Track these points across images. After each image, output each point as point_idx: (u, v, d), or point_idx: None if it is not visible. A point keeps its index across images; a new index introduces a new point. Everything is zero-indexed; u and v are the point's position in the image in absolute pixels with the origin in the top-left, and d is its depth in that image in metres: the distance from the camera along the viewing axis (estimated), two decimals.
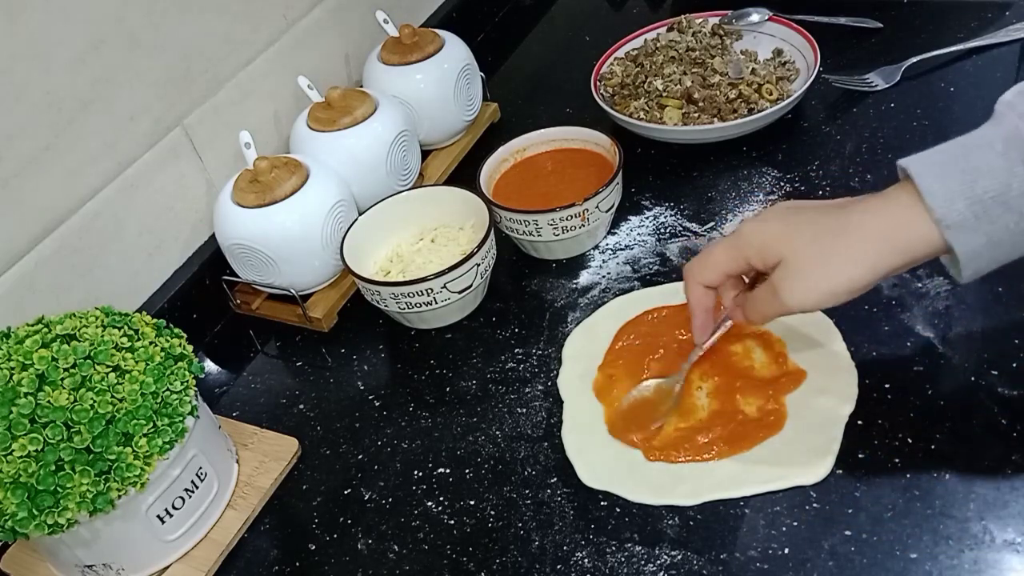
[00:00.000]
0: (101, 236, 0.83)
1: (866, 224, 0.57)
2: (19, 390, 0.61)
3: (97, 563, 0.68)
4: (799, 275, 0.59)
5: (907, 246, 0.56)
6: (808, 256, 0.58)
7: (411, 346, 0.85)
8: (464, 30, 1.09)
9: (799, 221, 0.60)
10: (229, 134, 0.92)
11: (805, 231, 0.59)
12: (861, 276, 0.57)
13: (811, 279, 0.58)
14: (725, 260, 0.64)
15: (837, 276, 0.57)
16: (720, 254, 0.64)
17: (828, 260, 0.58)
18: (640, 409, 0.72)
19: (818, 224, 0.59)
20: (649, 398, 0.72)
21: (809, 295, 0.59)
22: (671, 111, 0.97)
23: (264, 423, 0.81)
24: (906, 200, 0.56)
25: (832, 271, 0.57)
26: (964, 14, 1.05)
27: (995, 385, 0.67)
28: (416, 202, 0.91)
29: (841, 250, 0.57)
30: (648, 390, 0.73)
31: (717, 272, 0.65)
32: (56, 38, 0.76)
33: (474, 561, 0.66)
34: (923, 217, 0.55)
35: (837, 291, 0.58)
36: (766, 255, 0.60)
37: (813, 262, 0.58)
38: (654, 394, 0.72)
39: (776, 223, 0.61)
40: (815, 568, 0.60)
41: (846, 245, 0.57)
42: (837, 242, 0.57)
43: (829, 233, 0.58)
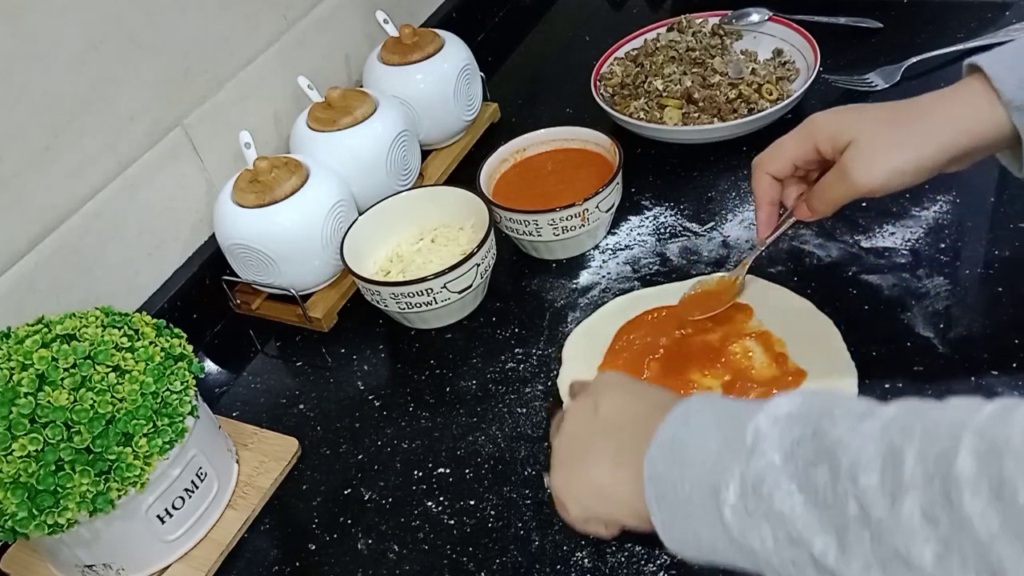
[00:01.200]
0: (101, 236, 0.83)
1: (937, 108, 0.59)
2: (19, 390, 0.61)
3: (97, 563, 0.68)
4: (870, 153, 0.60)
5: (977, 128, 0.58)
6: (879, 135, 0.60)
7: (411, 346, 0.85)
8: (464, 30, 1.09)
9: (870, 110, 0.62)
10: (229, 134, 0.92)
11: (877, 116, 0.61)
12: (931, 155, 0.58)
13: (881, 156, 0.59)
14: (794, 147, 0.65)
15: (907, 153, 0.59)
16: (790, 142, 0.65)
17: (899, 139, 0.59)
18: (704, 298, 0.77)
19: (890, 111, 0.61)
20: (712, 289, 0.78)
21: (879, 172, 0.60)
22: (671, 111, 0.97)
23: (264, 423, 0.81)
24: (977, 88, 0.58)
25: (904, 149, 0.59)
26: (964, 14, 1.05)
27: (995, 385, 0.67)
28: (416, 202, 0.91)
29: (913, 129, 0.59)
30: (710, 283, 0.78)
31: (786, 161, 0.66)
32: (56, 38, 0.76)
33: (474, 561, 0.66)
34: (993, 101, 0.57)
35: (906, 168, 0.59)
36: (837, 139, 0.62)
37: (884, 141, 0.60)
38: (716, 285, 0.78)
39: (847, 112, 0.63)
40: None
41: (919, 127, 0.59)
42: (911, 124, 0.59)
43: (901, 116, 0.60)
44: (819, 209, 0.65)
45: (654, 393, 0.56)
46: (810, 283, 0.79)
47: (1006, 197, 0.81)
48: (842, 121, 0.62)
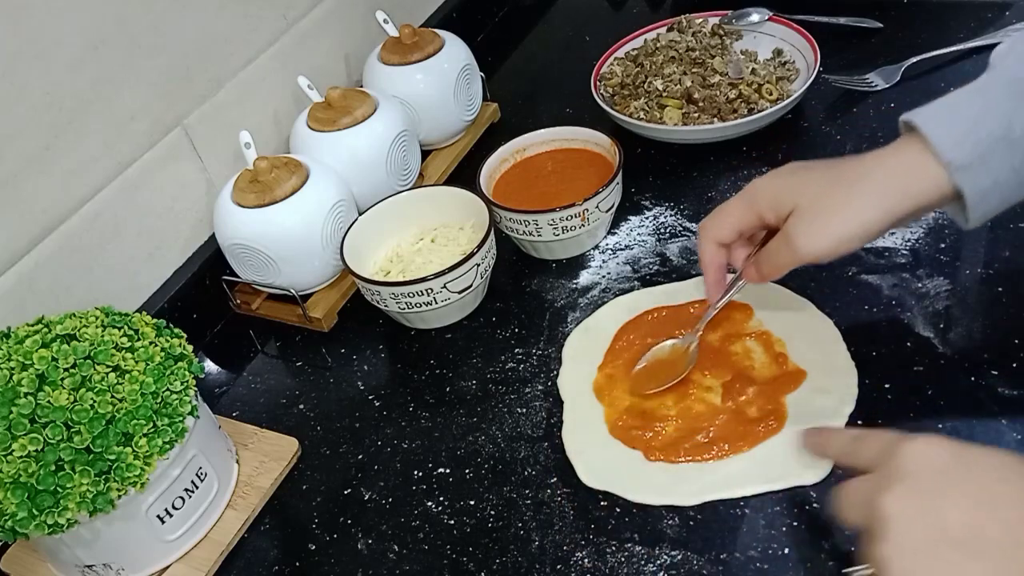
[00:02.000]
0: (101, 236, 0.83)
1: (878, 171, 0.58)
2: (19, 390, 0.61)
3: (97, 563, 0.68)
4: (813, 220, 0.59)
5: (918, 190, 0.57)
6: (821, 202, 0.59)
7: (411, 346, 0.85)
8: (464, 30, 1.09)
9: (811, 174, 0.61)
10: (229, 134, 0.92)
11: (818, 180, 0.60)
12: (875, 219, 0.58)
13: (825, 224, 0.59)
14: (738, 215, 0.64)
15: (851, 220, 0.58)
16: (733, 210, 0.65)
17: (842, 205, 0.59)
18: (657, 368, 0.74)
19: (830, 174, 0.60)
20: (665, 359, 0.74)
21: (823, 240, 0.59)
22: (671, 111, 0.97)
23: (264, 423, 0.81)
24: (915, 147, 0.57)
25: (847, 215, 0.58)
26: (964, 14, 1.05)
27: (995, 385, 0.67)
28: (416, 202, 0.91)
29: (855, 195, 0.58)
30: (663, 351, 0.75)
31: (730, 228, 0.65)
32: (56, 38, 0.76)
33: (474, 561, 0.66)
34: (931, 161, 0.56)
35: (852, 235, 0.58)
36: (779, 206, 0.61)
37: (827, 207, 0.59)
38: (670, 354, 0.74)
39: (788, 177, 0.62)
40: (815, 568, 0.60)
41: (859, 191, 0.58)
42: (851, 188, 0.59)
43: (842, 181, 0.59)
44: (768, 274, 0.65)
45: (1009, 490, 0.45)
46: (810, 283, 0.79)
47: None
48: (783, 187, 0.62)
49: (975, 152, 0.55)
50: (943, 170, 0.56)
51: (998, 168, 0.56)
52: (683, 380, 0.73)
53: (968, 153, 0.55)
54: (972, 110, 0.56)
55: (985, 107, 0.56)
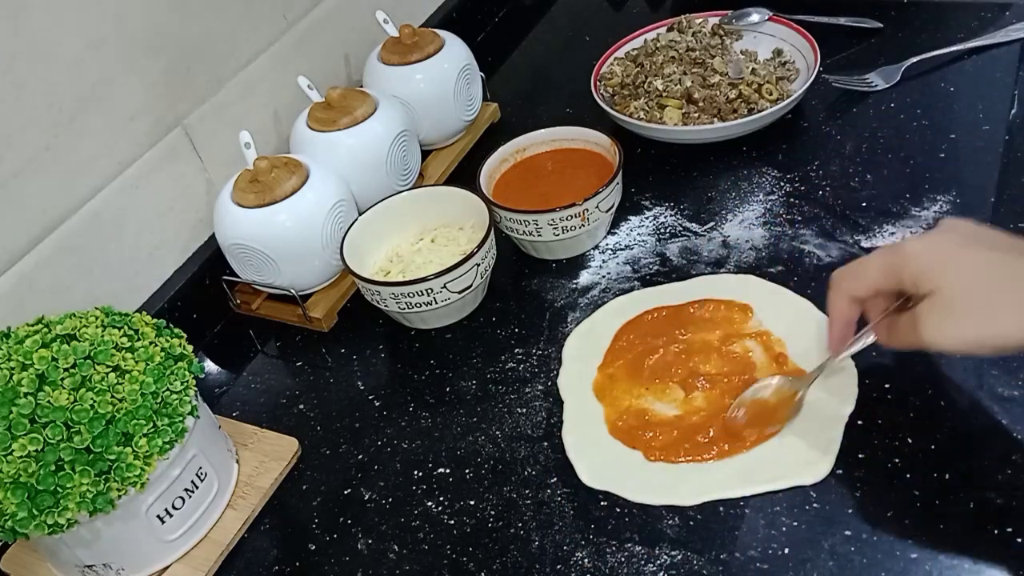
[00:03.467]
0: (101, 236, 0.83)
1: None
2: (19, 390, 0.61)
3: (97, 563, 0.68)
4: (948, 314, 0.54)
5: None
6: (963, 296, 0.53)
7: (411, 346, 0.85)
8: (464, 30, 1.09)
9: (967, 255, 0.55)
10: (229, 134, 0.92)
11: (970, 267, 0.54)
12: (1019, 333, 0.52)
13: (959, 322, 0.53)
14: (879, 276, 0.59)
15: (990, 328, 0.52)
16: (875, 269, 0.59)
17: (984, 307, 0.53)
18: (758, 409, 0.68)
19: (986, 263, 0.54)
20: (768, 400, 0.69)
21: (952, 338, 0.54)
22: (671, 111, 0.97)
23: (264, 423, 0.81)
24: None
25: (985, 320, 0.52)
26: (964, 14, 1.05)
27: (995, 385, 0.67)
28: (416, 202, 0.91)
29: (1002, 299, 0.52)
30: (768, 390, 0.69)
31: (868, 287, 0.60)
32: (56, 38, 0.76)
33: (474, 561, 0.66)
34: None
35: (984, 343, 0.53)
36: (921, 281, 0.55)
37: (967, 305, 0.53)
38: (773, 396, 0.68)
39: (942, 250, 0.56)
40: (815, 568, 0.60)
41: (1010, 295, 0.52)
42: (1000, 290, 0.52)
43: (994, 277, 0.53)
44: (891, 345, 0.60)
45: None
46: (810, 283, 0.79)
47: (1006, 197, 0.81)
48: (933, 264, 0.55)
49: None
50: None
51: None
52: (684, 382, 0.73)
53: None
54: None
55: None
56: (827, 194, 0.87)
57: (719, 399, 0.71)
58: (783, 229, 0.85)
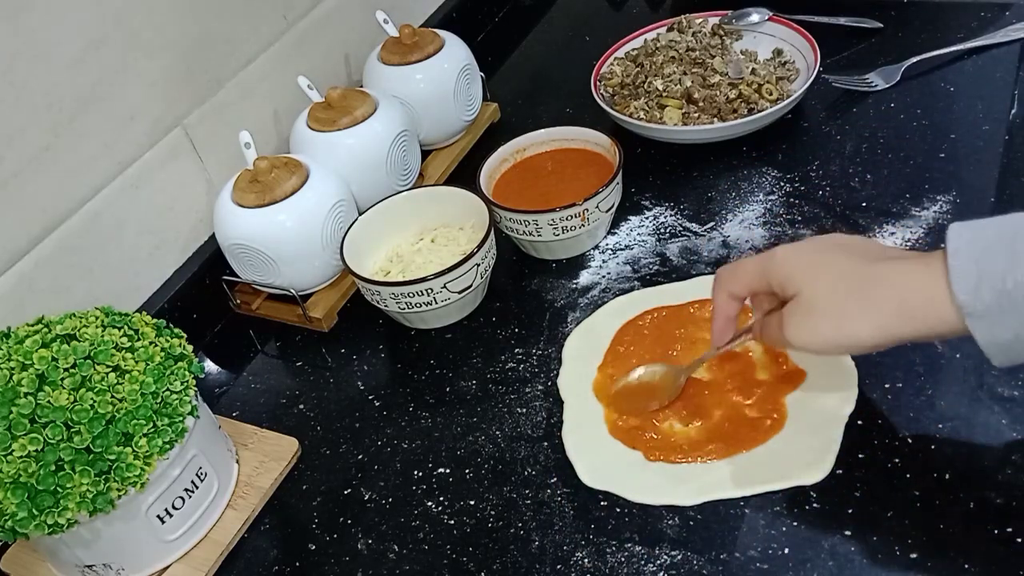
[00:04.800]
0: (101, 236, 0.83)
1: (888, 284, 0.55)
2: (19, 390, 0.61)
3: (97, 563, 0.68)
4: (807, 316, 0.58)
5: (924, 320, 0.54)
6: (821, 300, 0.57)
7: (411, 346, 0.85)
8: (464, 30, 1.09)
9: (828, 261, 0.58)
10: (229, 134, 0.92)
11: (829, 273, 0.57)
12: (867, 336, 0.56)
13: (817, 323, 0.57)
14: (752, 277, 0.63)
15: (842, 329, 0.56)
16: (749, 270, 0.63)
17: (838, 310, 0.56)
18: (641, 391, 0.73)
19: (843, 270, 0.57)
20: (653, 383, 0.73)
21: (811, 338, 0.58)
22: (671, 111, 0.97)
23: (264, 423, 0.81)
24: (937, 271, 0.53)
25: (839, 322, 0.56)
26: (964, 14, 1.05)
27: (995, 385, 0.67)
28: (416, 202, 0.91)
29: (853, 304, 0.56)
30: (654, 375, 0.73)
31: (743, 286, 0.64)
32: (56, 38, 0.76)
33: (474, 561, 0.66)
34: (946, 296, 0.52)
35: (840, 343, 0.57)
36: (786, 285, 0.59)
37: (824, 307, 0.57)
38: (659, 380, 0.73)
39: (807, 256, 0.59)
40: (815, 568, 0.60)
41: (861, 300, 0.55)
42: (852, 295, 0.56)
43: (849, 283, 0.56)
44: (766, 342, 0.64)
45: None
46: None
47: (1006, 197, 0.81)
48: (796, 267, 0.59)
49: (995, 302, 0.50)
50: (956, 310, 0.51)
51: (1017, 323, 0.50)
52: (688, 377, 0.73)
53: (986, 303, 0.50)
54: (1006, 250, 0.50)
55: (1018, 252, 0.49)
56: (827, 194, 0.87)
57: (719, 399, 0.71)
58: (783, 229, 0.85)
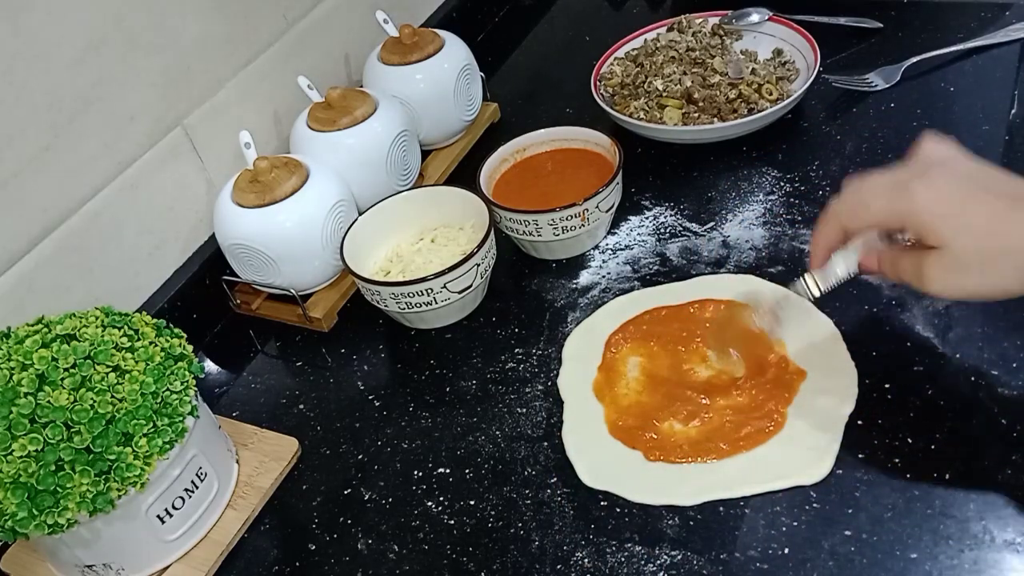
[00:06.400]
0: (101, 236, 0.83)
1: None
2: (19, 390, 0.61)
3: (97, 563, 0.68)
4: (954, 270, 0.54)
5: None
6: (969, 256, 0.53)
7: (411, 346, 0.85)
8: (464, 30, 1.09)
9: (973, 211, 0.54)
10: (229, 134, 0.92)
11: (976, 224, 0.53)
12: (1019, 288, 0.53)
13: (964, 279, 0.54)
14: (882, 217, 0.57)
15: (990, 282, 0.53)
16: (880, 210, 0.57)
17: (987, 267, 0.53)
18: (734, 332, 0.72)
19: (991, 219, 0.53)
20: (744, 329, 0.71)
21: (957, 292, 0.55)
22: (671, 111, 0.97)
23: (264, 423, 0.81)
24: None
25: (987, 279, 0.53)
26: (964, 14, 1.05)
27: (995, 385, 0.67)
28: (416, 202, 0.91)
29: (1004, 260, 0.53)
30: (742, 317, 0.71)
31: (867, 225, 0.59)
32: (56, 38, 0.76)
33: (474, 561, 0.66)
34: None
35: (987, 295, 0.54)
36: (928, 234, 0.54)
37: (972, 263, 0.53)
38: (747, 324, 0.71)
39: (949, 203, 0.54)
40: (815, 568, 0.60)
41: (1011, 254, 0.52)
42: (1003, 250, 0.53)
43: (999, 237, 0.53)
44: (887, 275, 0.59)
45: None
46: None
47: None
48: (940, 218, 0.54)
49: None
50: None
51: None
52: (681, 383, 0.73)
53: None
54: None
55: None
56: (827, 194, 0.87)
57: (720, 399, 0.71)
58: (783, 229, 0.85)
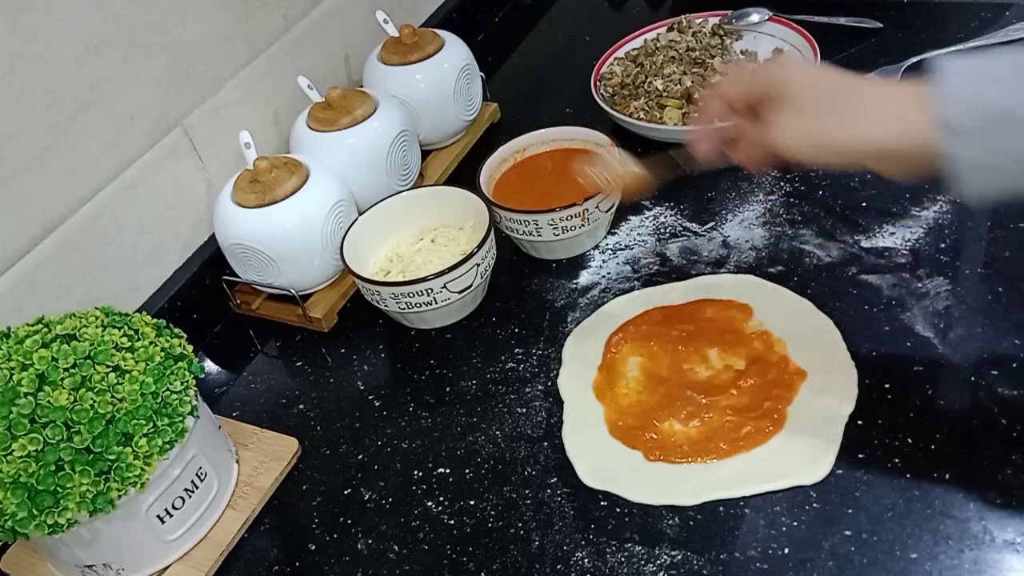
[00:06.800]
0: (101, 236, 0.83)
1: (875, 94, 0.57)
2: (19, 390, 0.61)
3: (97, 563, 0.68)
4: (795, 121, 0.60)
5: (901, 132, 0.55)
6: (809, 102, 0.59)
7: (411, 346, 0.85)
8: (464, 30, 1.09)
9: (822, 76, 0.61)
10: (229, 134, 0.92)
11: (823, 82, 0.60)
12: (844, 137, 0.57)
13: (804, 128, 0.59)
14: (751, 81, 0.64)
15: (825, 133, 0.58)
16: (749, 76, 0.64)
17: (822, 116, 0.59)
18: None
19: (838, 81, 0.60)
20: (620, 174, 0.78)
21: (796, 141, 0.60)
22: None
23: (264, 423, 0.81)
24: (924, 91, 0.54)
25: (823, 127, 0.58)
26: (964, 14, 1.05)
27: (995, 385, 0.67)
28: (416, 202, 0.91)
29: (839, 106, 0.58)
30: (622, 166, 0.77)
31: (740, 89, 0.64)
32: (56, 38, 0.76)
33: (474, 561, 0.66)
34: (929, 113, 0.53)
35: (820, 147, 0.59)
36: (784, 89, 0.61)
37: (809, 114, 0.59)
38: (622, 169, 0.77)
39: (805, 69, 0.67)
40: (815, 568, 0.60)
41: (846, 104, 0.58)
42: (839, 99, 0.59)
43: (840, 90, 0.59)
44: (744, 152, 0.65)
45: None
46: (810, 283, 0.79)
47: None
48: (796, 75, 0.61)
49: (974, 121, 0.51)
50: (934, 126, 0.53)
51: (998, 147, 0.51)
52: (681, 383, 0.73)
53: (965, 118, 0.51)
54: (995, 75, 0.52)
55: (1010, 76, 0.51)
56: (827, 194, 0.87)
57: (720, 400, 0.71)
58: (783, 229, 0.85)
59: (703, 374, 0.73)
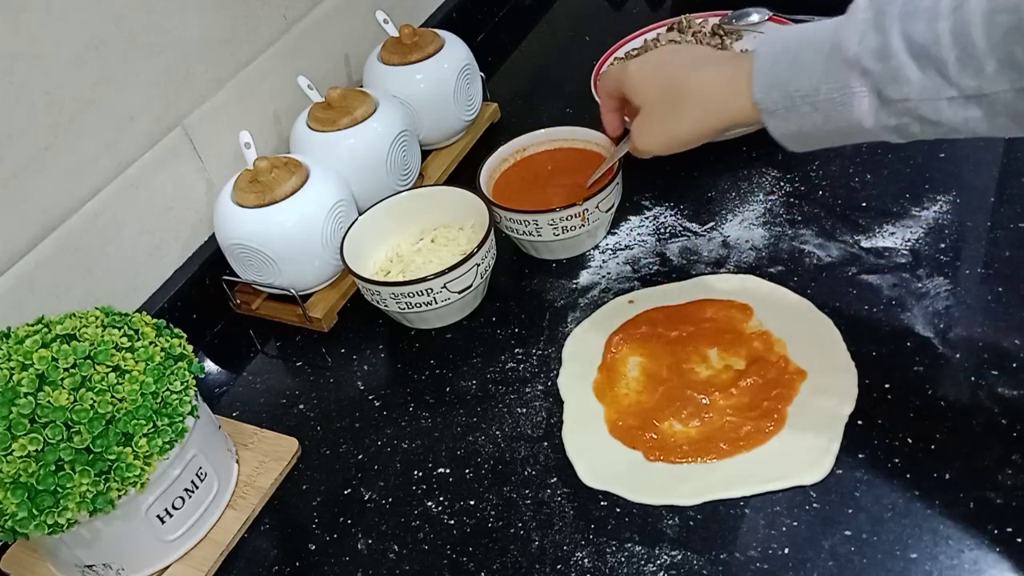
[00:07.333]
0: (101, 236, 0.83)
1: (701, 90, 0.66)
2: (19, 390, 0.61)
3: (97, 563, 0.68)
4: (646, 124, 0.71)
5: (729, 116, 0.65)
6: (652, 112, 0.71)
7: (411, 346, 0.85)
8: (464, 30, 1.09)
9: (660, 76, 0.70)
10: (229, 134, 0.92)
11: (658, 87, 0.70)
12: (687, 134, 0.69)
13: (651, 131, 0.71)
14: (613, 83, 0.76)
15: (668, 132, 0.70)
16: (612, 76, 0.76)
17: (665, 118, 0.69)
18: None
19: (670, 82, 0.69)
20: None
21: (650, 143, 0.71)
22: None
23: (264, 423, 0.81)
24: (744, 73, 0.63)
25: (667, 127, 0.70)
26: None
27: (995, 385, 0.67)
28: (416, 202, 0.91)
29: (675, 112, 0.68)
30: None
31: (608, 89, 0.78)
32: (56, 38, 0.76)
33: (474, 561, 0.66)
34: (748, 94, 0.62)
35: (669, 144, 0.71)
36: (633, 97, 0.73)
37: (655, 118, 0.70)
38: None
39: (646, 72, 0.72)
40: (815, 568, 0.60)
41: (680, 108, 0.68)
42: (674, 105, 0.68)
43: (673, 94, 0.69)
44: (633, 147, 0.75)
45: None
46: (810, 283, 0.79)
47: (1006, 197, 0.81)
48: (638, 82, 0.71)
49: (782, 102, 0.60)
50: (754, 107, 0.62)
51: (802, 122, 0.60)
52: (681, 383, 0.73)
53: (775, 101, 0.61)
54: (798, 59, 0.60)
55: (807, 61, 0.59)
56: (827, 194, 0.87)
57: (720, 400, 0.71)
58: (783, 229, 0.85)
59: (703, 374, 0.73)
